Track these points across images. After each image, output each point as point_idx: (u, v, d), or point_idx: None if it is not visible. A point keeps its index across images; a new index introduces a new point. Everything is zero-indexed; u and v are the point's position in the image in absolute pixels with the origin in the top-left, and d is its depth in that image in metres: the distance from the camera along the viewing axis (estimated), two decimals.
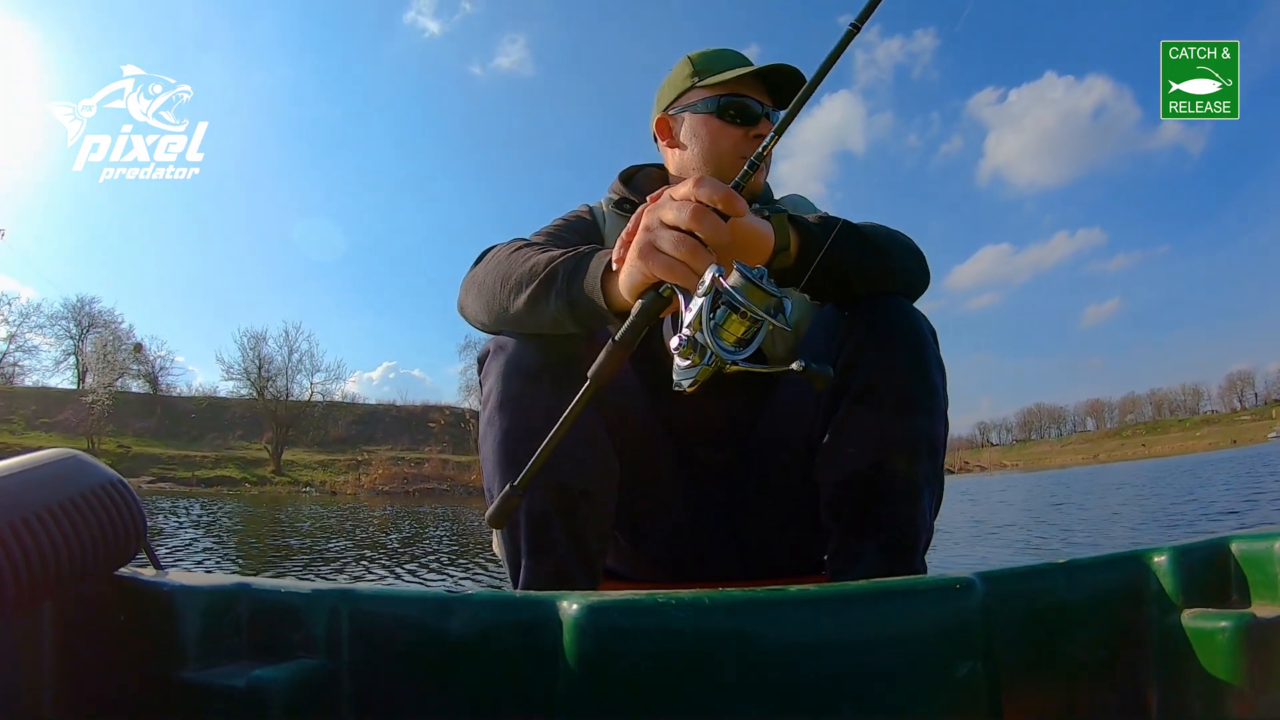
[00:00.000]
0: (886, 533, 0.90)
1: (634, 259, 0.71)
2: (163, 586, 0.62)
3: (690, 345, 0.64)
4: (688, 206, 0.68)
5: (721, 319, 0.63)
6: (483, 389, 0.94)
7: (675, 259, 0.68)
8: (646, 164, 1.20)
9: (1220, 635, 0.57)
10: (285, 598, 0.61)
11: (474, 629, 0.59)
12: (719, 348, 0.62)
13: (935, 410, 0.91)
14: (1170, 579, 0.62)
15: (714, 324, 0.62)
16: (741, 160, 1.06)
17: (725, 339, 0.63)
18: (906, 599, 0.59)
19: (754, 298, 0.61)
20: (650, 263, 0.69)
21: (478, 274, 0.93)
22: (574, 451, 0.89)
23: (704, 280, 0.64)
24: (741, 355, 0.63)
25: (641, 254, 0.70)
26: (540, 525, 0.88)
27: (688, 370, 0.65)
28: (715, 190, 0.69)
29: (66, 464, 0.62)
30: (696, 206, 0.68)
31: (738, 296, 0.61)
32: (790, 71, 1.03)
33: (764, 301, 0.62)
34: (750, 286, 0.62)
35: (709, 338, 0.62)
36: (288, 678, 0.56)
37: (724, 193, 0.69)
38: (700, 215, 0.68)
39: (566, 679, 0.56)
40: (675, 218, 0.69)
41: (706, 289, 0.63)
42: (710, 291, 0.63)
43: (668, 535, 1.04)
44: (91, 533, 0.60)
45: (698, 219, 0.68)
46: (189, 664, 0.59)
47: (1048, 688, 0.60)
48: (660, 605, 0.56)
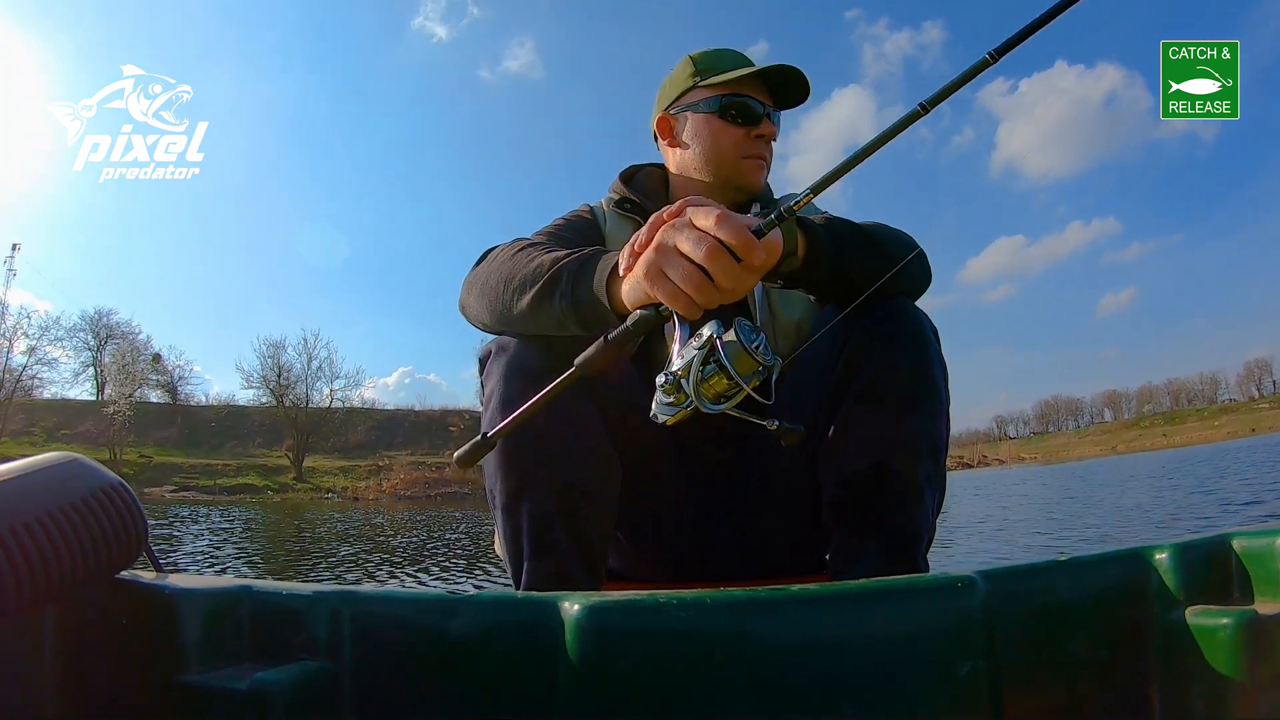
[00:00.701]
0: (888, 532, 0.90)
1: (640, 276, 0.71)
2: (164, 590, 0.62)
3: (674, 385, 0.67)
4: (705, 243, 0.67)
5: (708, 375, 0.66)
6: (484, 390, 0.94)
7: (681, 291, 0.68)
8: (647, 164, 1.20)
9: (1222, 632, 0.57)
10: (287, 600, 0.61)
11: (476, 630, 0.59)
12: (699, 400, 0.66)
13: (937, 409, 0.91)
14: (1172, 576, 0.62)
15: (700, 377, 0.66)
16: (743, 160, 1.06)
17: (706, 393, 0.66)
18: (908, 598, 0.59)
19: (741, 365, 0.65)
20: (655, 286, 0.69)
21: (480, 274, 0.93)
22: (576, 452, 0.89)
23: (702, 333, 0.67)
24: (718, 408, 0.66)
25: (649, 275, 0.70)
26: (542, 526, 0.88)
27: (668, 407, 0.68)
28: (737, 234, 0.66)
29: (67, 468, 0.62)
30: (714, 246, 0.66)
31: (727, 363, 0.64)
32: (792, 72, 1.03)
33: (750, 369, 0.65)
34: (742, 353, 0.65)
35: (692, 389, 0.66)
36: (290, 680, 0.56)
37: (745, 239, 0.67)
38: (715, 256, 0.66)
39: (568, 679, 0.56)
40: (691, 249, 0.67)
41: (703, 343, 0.66)
42: (706, 346, 0.66)
43: (669, 535, 1.05)
44: (93, 536, 0.60)
45: (712, 259, 0.66)
46: (191, 667, 0.59)
47: (1049, 686, 0.60)
48: (662, 605, 0.56)
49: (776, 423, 0.67)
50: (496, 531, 0.95)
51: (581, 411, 0.90)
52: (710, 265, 0.67)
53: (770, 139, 1.07)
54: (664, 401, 0.68)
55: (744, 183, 1.08)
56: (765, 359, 0.65)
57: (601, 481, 0.92)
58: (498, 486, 0.90)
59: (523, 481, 0.89)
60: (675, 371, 0.66)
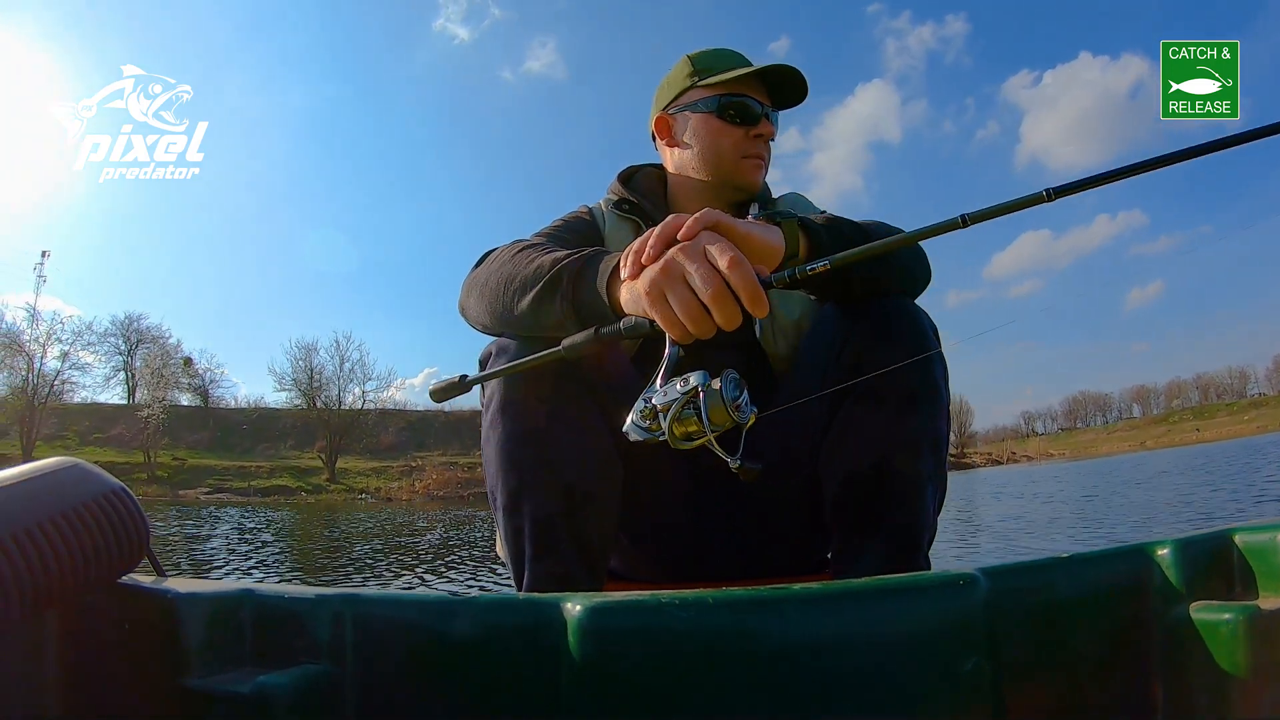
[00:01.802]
0: (890, 531, 0.90)
1: (642, 292, 0.70)
2: (166, 594, 0.62)
3: (650, 414, 0.70)
4: (715, 284, 0.66)
5: (685, 416, 0.69)
6: (484, 391, 0.94)
7: (679, 321, 0.68)
8: (645, 164, 1.20)
9: (1224, 628, 0.57)
10: (289, 603, 0.61)
11: (478, 632, 0.59)
12: (670, 435, 0.69)
13: (938, 408, 0.91)
14: (1174, 571, 0.62)
15: (675, 416, 0.69)
16: (742, 160, 1.06)
17: (677, 430, 0.69)
18: (910, 596, 0.59)
19: (716, 417, 0.68)
20: (655, 309, 0.70)
21: (480, 276, 0.93)
22: (578, 454, 0.89)
23: (689, 380, 0.69)
24: (686, 446, 0.70)
25: (650, 294, 0.70)
26: (544, 527, 0.88)
27: (641, 429, 0.71)
28: (747, 286, 0.66)
29: (69, 473, 0.62)
30: (722, 289, 0.66)
31: (704, 412, 0.68)
32: (790, 72, 1.03)
33: (723, 422, 0.68)
34: (719, 407, 0.67)
35: (666, 425, 0.69)
36: (292, 683, 0.56)
37: (753, 294, 0.66)
38: (721, 301, 0.66)
39: (570, 680, 0.56)
40: (698, 285, 0.67)
41: (688, 390, 0.68)
42: (689, 392, 0.68)
43: (671, 536, 1.04)
44: (94, 541, 0.60)
45: (718, 302, 0.66)
46: (193, 671, 0.59)
47: (1052, 683, 0.60)
48: (663, 605, 0.56)
49: (739, 462, 0.70)
50: (498, 532, 0.95)
51: (583, 412, 0.90)
52: (714, 308, 0.67)
53: (769, 139, 1.07)
54: (638, 423, 0.71)
55: (743, 182, 1.08)
56: (740, 417, 0.68)
57: (603, 482, 0.92)
58: (499, 487, 0.90)
59: (524, 482, 0.89)
60: (655, 405, 0.70)
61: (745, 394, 0.70)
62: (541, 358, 0.77)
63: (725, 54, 1.09)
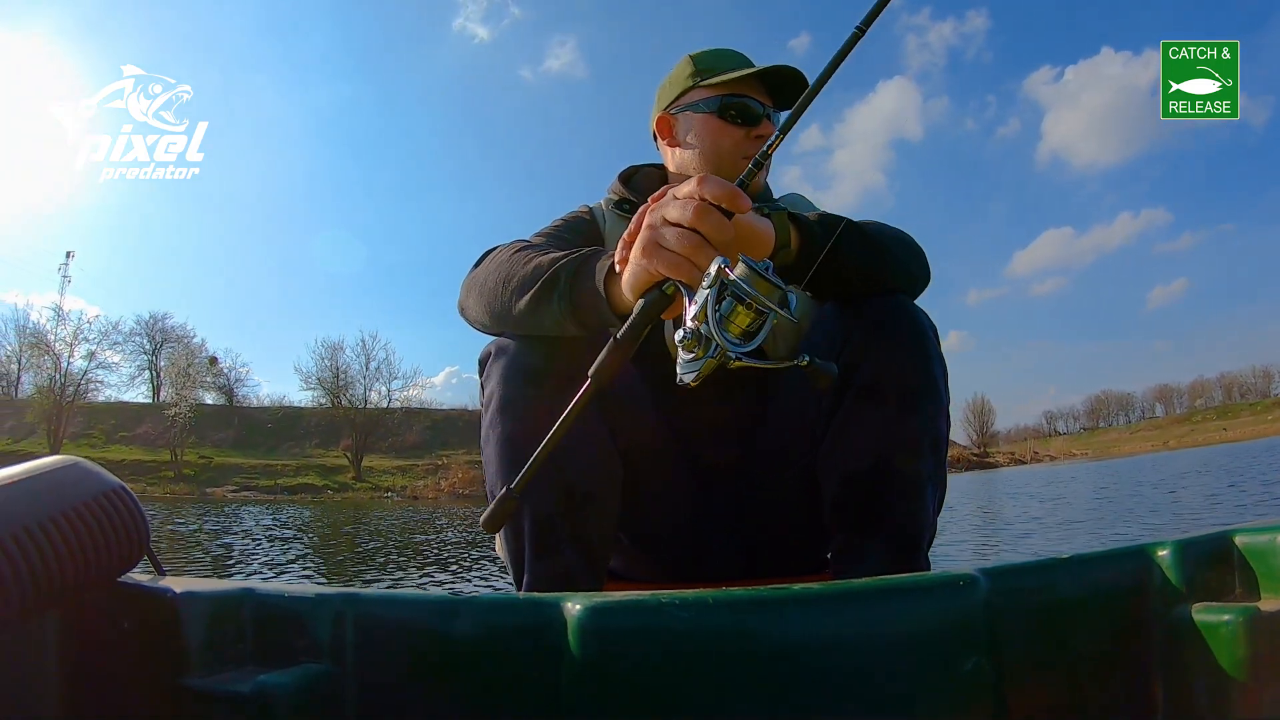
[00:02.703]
0: (890, 530, 0.90)
1: (637, 256, 0.71)
2: (166, 593, 0.62)
3: (695, 338, 0.63)
4: (692, 204, 0.68)
5: (727, 311, 0.62)
6: (484, 391, 0.94)
7: (679, 255, 0.68)
8: (646, 164, 1.20)
9: (1224, 629, 0.57)
10: (289, 602, 0.61)
11: (478, 631, 0.59)
12: (724, 339, 0.61)
13: (938, 407, 0.91)
14: (1174, 572, 0.62)
15: (719, 315, 0.62)
16: (743, 160, 1.06)
17: (730, 330, 0.62)
18: (910, 596, 0.59)
19: (760, 288, 0.61)
20: (654, 260, 0.69)
21: (479, 275, 0.93)
22: (578, 453, 0.89)
23: (709, 272, 0.63)
24: (746, 348, 0.62)
25: (645, 251, 0.70)
26: (544, 527, 0.88)
27: (691, 364, 0.64)
28: (720, 188, 0.68)
29: (68, 471, 0.62)
30: (701, 204, 0.68)
31: (745, 286, 0.60)
32: (791, 73, 1.03)
33: (770, 293, 0.61)
34: (756, 277, 0.61)
35: (714, 329, 0.61)
36: (293, 683, 0.56)
37: (729, 190, 0.68)
38: (705, 212, 0.67)
39: (571, 680, 0.56)
40: (679, 215, 0.68)
41: (712, 280, 0.62)
42: (716, 283, 0.62)
43: (671, 536, 1.04)
44: (94, 540, 0.60)
45: (702, 216, 0.67)
46: (194, 670, 0.59)
47: (1052, 683, 0.60)
48: (664, 605, 0.56)
49: (807, 358, 0.64)
50: (498, 533, 0.95)
51: (583, 412, 0.90)
52: (701, 224, 0.67)
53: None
54: (685, 360, 0.64)
55: (743, 183, 1.08)
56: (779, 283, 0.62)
57: (603, 482, 0.92)
58: (499, 487, 0.90)
59: (524, 482, 0.88)
60: (692, 324, 0.63)
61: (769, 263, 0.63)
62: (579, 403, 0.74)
63: (727, 54, 1.09)
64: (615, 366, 0.73)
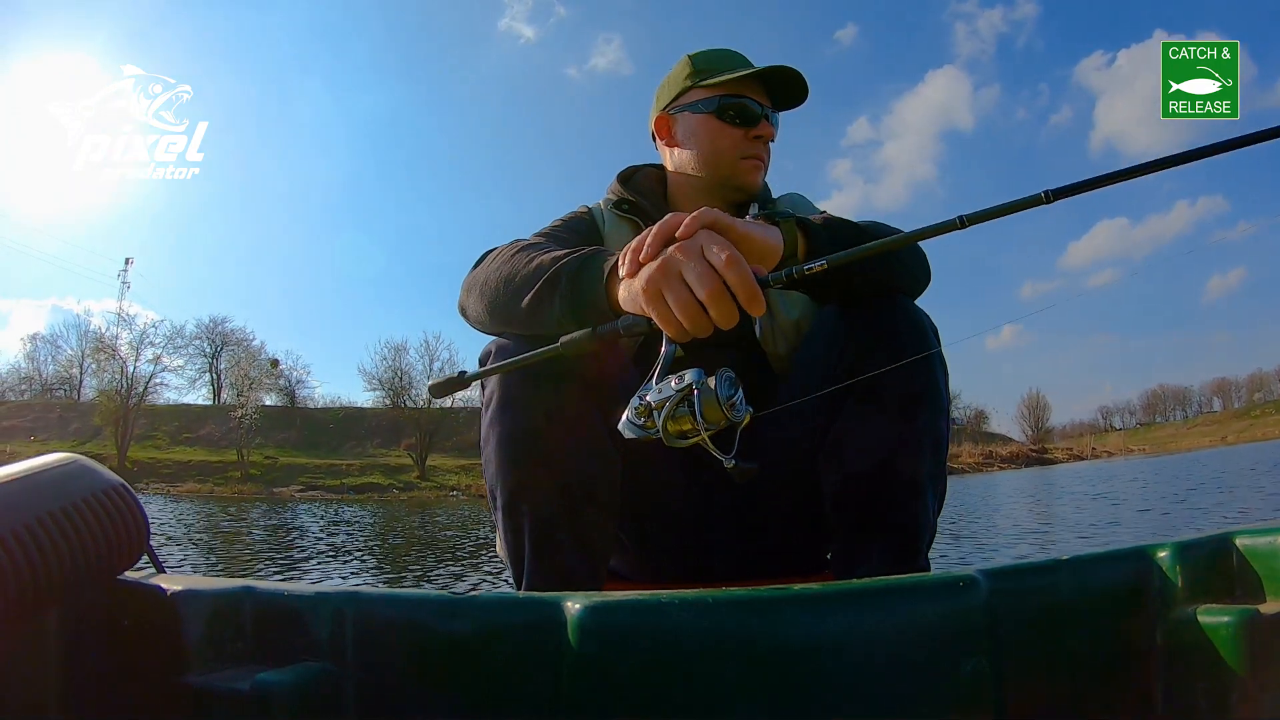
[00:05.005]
0: (891, 531, 0.90)
1: (639, 290, 0.70)
2: (166, 591, 0.62)
3: (645, 411, 0.70)
4: (712, 282, 0.66)
5: (679, 414, 0.68)
6: (484, 390, 0.94)
7: (675, 319, 0.68)
8: (645, 164, 1.20)
9: (1224, 630, 0.57)
10: (289, 601, 0.61)
11: (478, 630, 0.59)
12: (664, 433, 0.68)
13: (939, 409, 0.91)
14: (1174, 574, 0.62)
15: (670, 414, 0.68)
16: (741, 161, 1.06)
17: (671, 428, 0.68)
18: (911, 597, 0.59)
19: (710, 414, 0.67)
20: (652, 307, 0.69)
21: (479, 275, 0.93)
22: (578, 453, 0.89)
23: (685, 378, 0.68)
24: (680, 444, 0.69)
25: (647, 292, 0.69)
26: (544, 527, 0.88)
27: (635, 427, 0.70)
28: (744, 285, 0.66)
29: (69, 469, 0.62)
30: (719, 288, 0.66)
31: (697, 409, 0.67)
32: (790, 73, 1.03)
33: (717, 420, 0.67)
34: (714, 405, 0.66)
35: (660, 422, 0.68)
36: (292, 681, 0.56)
37: (750, 292, 0.66)
38: (718, 299, 0.66)
39: (571, 679, 0.56)
40: (695, 283, 0.67)
41: (683, 388, 0.67)
42: (684, 392, 0.67)
43: (671, 536, 1.04)
44: (94, 538, 0.60)
45: (714, 301, 0.66)
46: (193, 668, 0.59)
47: (1052, 684, 0.60)
48: (664, 605, 0.56)
49: (733, 461, 0.70)
50: (497, 532, 0.95)
51: (582, 412, 0.90)
52: (711, 306, 0.67)
53: (768, 140, 1.07)
54: (632, 421, 0.71)
55: (742, 183, 1.08)
56: (734, 415, 0.67)
57: (603, 482, 0.92)
58: (498, 486, 0.90)
59: (524, 481, 0.89)
60: (650, 402, 0.69)
61: (740, 393, 0.69)
62: (539, 354, 0.77)
63: (726, 54, 1.09)
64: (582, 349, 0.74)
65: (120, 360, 34.07)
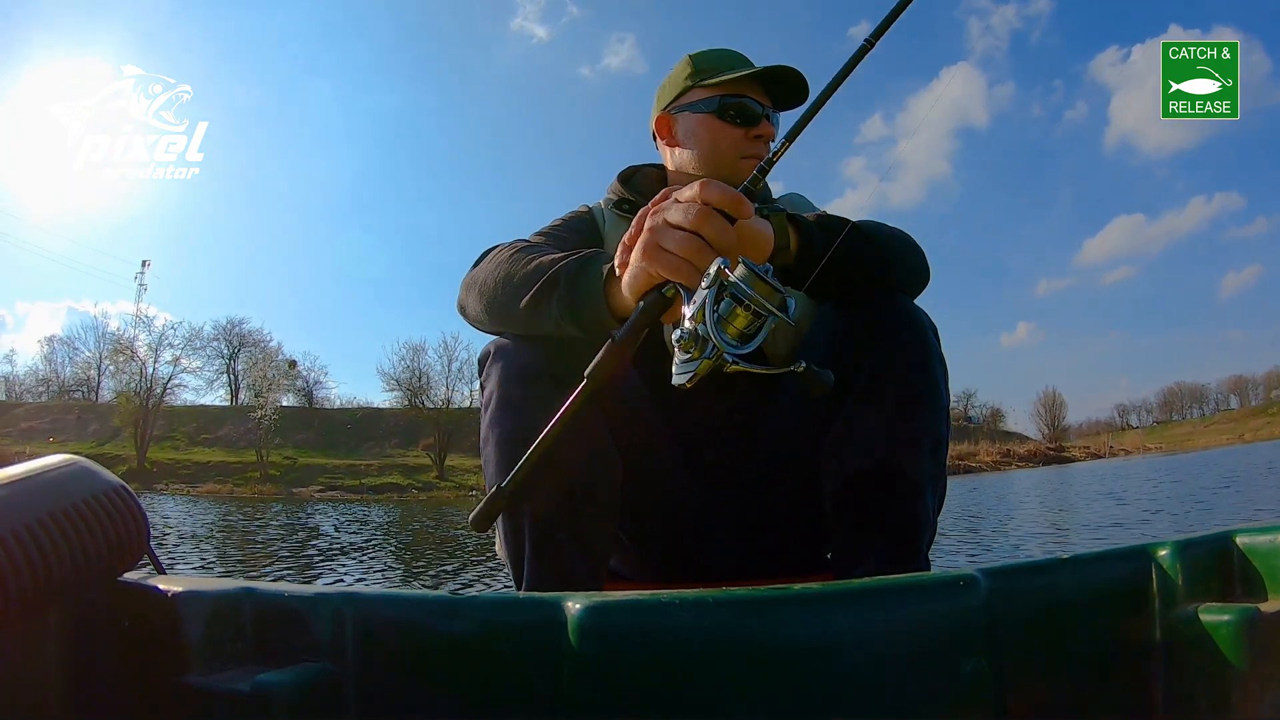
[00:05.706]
0: (890, 531, 0.90)
1: (638, 258, 0.71)
2: (166, 592, 0.62)
3: (691, 338, 0.62)
4: (694, 208, 0.68)
5: (726, 311, 0.61)
6: (483, 391, 0.94)
7: (680, 258, 0.68)
8: (645, 164, 1.20)
9: (1225, 629, 0.57)
10: (289, 601, 0.61)
11: (478, 630, 0.59)
12: (722, 340, 0.60)
13: (938, 407, 0.91)
14: (1175, 573, 0.62)
15: (718, 316, 0.61)
16: (741, 160, 1.06)
17: (728, 332, 0.61)
18: (910, 596, 0.59)
19: (760, 290, 0.60)
20: (654, 262, 0.69)
21: (478, 274, 0.93)
22: (578, 453, 0.89)
23: (709, 272, 0.63)
24: (743, 350, 0.61)
25: (645, 253, 0.70)
26: (544, 526, 0.88)
27: (686, 365, 0.63)
28: (722, 193, 0.68)
29: (68, 470, 0.62)
30: (703, 208, 0.68)
31: (744, 288, 0.60)
32: (790, 74, 1.03)
33: (769, 295, 0.60)
34: (756, 279, 0.60)
35: (712, 330, 0.60)
36: (292, 681, 0.56)
37: (731, 195, 0.68)
38: (706, 217, 0.68)
39: (571, 679, 0.56)
40: (681, 218, 0.68)
41: (711, 280, 0.62)
42: (715, 284, 0.61)
43: (672, 535, 1.04)
44: (95, 538, 0.60)
45: (704, 220, 0.67)
46: (193, 669, 0.59)
47: (1052, 683, 0.60)
48: (664, 605, 0.56)
49: (805, 364, 0.62)
50: (497, 532, 0.95)
51: (582, 411, 0.90)
52: (703, 228, 0.67)
53: (769, 139, 1.07)
54: (681, 361, 0.63)
55: (741, 183, 1.08)
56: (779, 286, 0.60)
57: (603, 482, 0.92)
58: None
59: (524, 482, 0.89)
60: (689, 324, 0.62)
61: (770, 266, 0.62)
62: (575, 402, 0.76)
63: (726, 54, 1.09)
64: (612, 367, 0.73)
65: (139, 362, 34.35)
